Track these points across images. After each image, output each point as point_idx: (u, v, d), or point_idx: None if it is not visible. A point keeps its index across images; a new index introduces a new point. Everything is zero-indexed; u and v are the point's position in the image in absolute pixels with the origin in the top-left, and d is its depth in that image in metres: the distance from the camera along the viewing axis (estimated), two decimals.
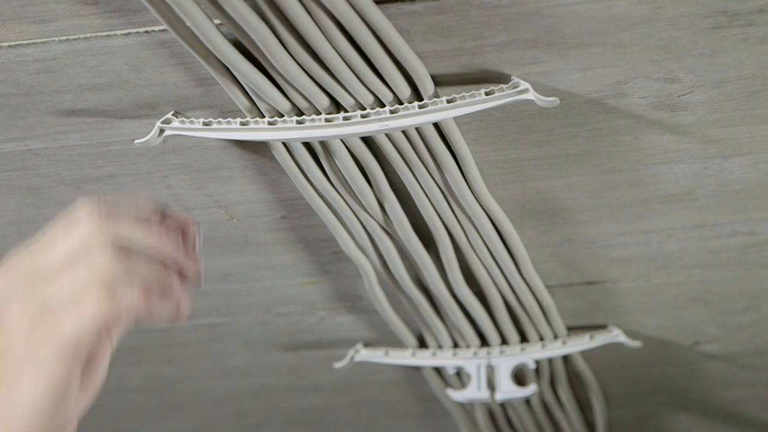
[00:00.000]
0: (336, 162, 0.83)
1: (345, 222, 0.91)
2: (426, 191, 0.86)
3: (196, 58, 0.72)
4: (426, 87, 0.74)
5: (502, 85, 0.74)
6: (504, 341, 1.08)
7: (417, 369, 1.16)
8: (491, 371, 1.09)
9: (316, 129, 0.77)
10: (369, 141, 0.81)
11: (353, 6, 0.67)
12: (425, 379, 1.17)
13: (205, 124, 0.78)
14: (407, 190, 0.86)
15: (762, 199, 0.92)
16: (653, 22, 0.70)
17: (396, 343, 1.11)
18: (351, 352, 1.12)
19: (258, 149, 0.84)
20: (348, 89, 0.74)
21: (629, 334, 1.10)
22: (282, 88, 0.74)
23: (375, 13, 0.68)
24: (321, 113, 0.76)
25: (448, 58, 0.74)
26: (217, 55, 0.71)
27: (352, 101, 0.75)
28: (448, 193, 0.86)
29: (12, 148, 0.84)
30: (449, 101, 0.75)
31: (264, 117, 0.77)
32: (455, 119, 0.78)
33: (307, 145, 0.82)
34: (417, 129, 0.79)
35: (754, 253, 1.01)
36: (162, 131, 0.79)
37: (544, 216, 0.94)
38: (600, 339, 1.09)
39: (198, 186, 0.90)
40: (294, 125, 0.77)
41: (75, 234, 0.60)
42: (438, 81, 0.75)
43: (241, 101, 0.76)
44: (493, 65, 0.74)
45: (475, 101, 0.74)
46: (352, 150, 0.82)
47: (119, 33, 0.71)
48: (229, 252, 1.01)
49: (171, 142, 0.81)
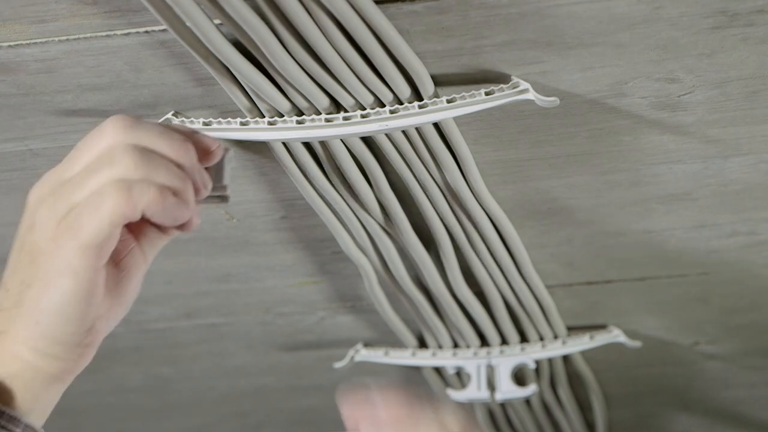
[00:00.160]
0: (336, 162, 0.83)
1: (345, 222, 0.91)
2: (426, 191, 0.86)
3: (196, 58, 0.72)
4: (426, 87, 0.74)
5: (502, 85, 0.74)
6: (504, 341, 1.08)
7: (417, 369, 1.16)
8: (491, 371, 1.09)
9: (316, 129, 0.77)
10: (369, 141, 0.81)
11: (353, 6, 0.67)
12: (425, 379, 1.17)
13: (205, 123, 0.78)
14: (407, 190, 0.86)
15: (762, 199, 0.92)
16: (653, 22, 0.70)
17: (396, 343, 1.11)
18: (351, 352, 1.12)
19: (258, 149, 0.84)
20: (348, 89, 0.74)
21: (629, 334, 1.10)
22: (282, 88, 0.74)
23: (375, 13, 0.68)
24: (321, 113, 0.76)
25: (448, 58, 0.74)
26: (217, 55, 0.71)
27: (352, 101, 0.75)
28: (448, 193, 0.86)
29: (12, 148, 0.84)
30: (449, 101, 0.75)
31: (264, 117, 0.77)
32: (455, 119, 0.78)
33: (307, 145, 0.82)
34: (417, 129, 0.79)
35: (754, 253, 1.01)
36: None
37: (544, 216, 0.94)
38: (600, 339, 1.09)
39: None
40: (294, 125, 0.77)
41: (102, 142, 0.63)
42: (438, 81, 0.75)
43: (241, 101, 0.76)
44: (493, 65, 0.74)
45: (475, 101, 0.74)
46: (352, 150, 0.82)
47: (119, 33, 0.71)
48: (229, 252, 1.01)
49: None
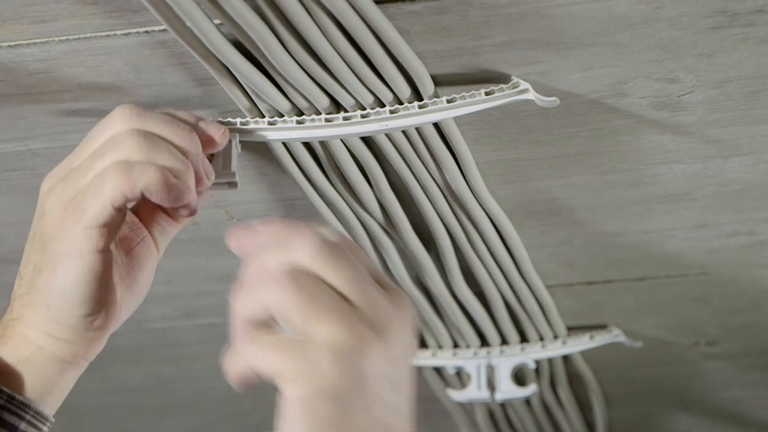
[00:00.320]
0: (336, 162, 0.83)
1: (345, 222, 0.91)
2: (426, 191, 0.86)
3: (196, 58, 0.72)
4: (426, 87, 0.74)
5: (502, 85, 0.74)
6: (504, 341, 1.08)
7: (417, 369, 1.16)
8: (491, 371, 1.09)
9: (316, 129, 0.77)
10: (369, 141, 0.81)
11: (353, 6, 0.67)
12: (425, 379, 1.17)
13: None
14: (407, 190, 0.86)
15: (762, 199, 0.92)
16: (653, 22, 0.70)
17: None
18: None
19: (258, 149, 0.84)
20: (348, 89, 0.74)
21: (629, 334, 1.10)
22: (282, 88, 0.74)
23: (375, 13, 0.68)
24: (321, 113, 0.76)
25: (448, 58, 0.74)
26: (217, 55, 0.71)
27: (352, 101, 0.75)
28: (448, 193, 0.86)
29: (12, 148, 0.84)
30: (449, 101, 0.75)
31: (264, 117, 0.77)
32: (455, 119, 0.78)
33: (307, 145, 0.82)
34: (417, 129, 0.79)
35: (754, 253, 1.00)
36: None
37: (544, 216, 0.94)
38: (600, 339, 1.09)
39: None
40: (294, 125, 0.77)
41: (109, 130, 0.66)
42: (438, 81, 0.75)
43: (241, 101, 0.76)
44: (493, 65, 0.74)
45: (475, 101, 0.74)
46: (352, 150, 0.82)
47: (119, 33, 0.71)
48: (230, 252, 1.00)
49: None
